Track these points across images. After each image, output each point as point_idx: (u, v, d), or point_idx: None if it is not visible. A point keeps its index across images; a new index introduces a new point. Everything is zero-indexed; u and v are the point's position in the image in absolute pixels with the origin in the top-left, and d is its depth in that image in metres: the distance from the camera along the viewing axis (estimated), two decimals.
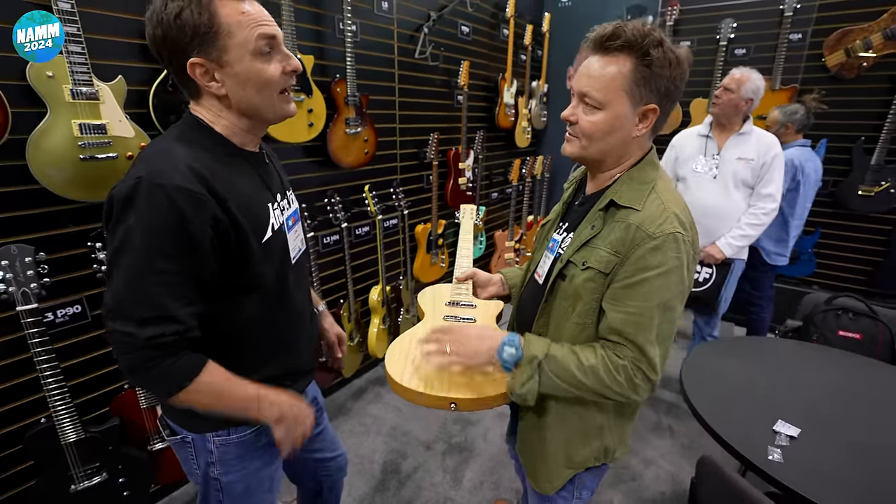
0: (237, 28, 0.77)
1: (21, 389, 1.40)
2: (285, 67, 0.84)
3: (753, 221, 2.10)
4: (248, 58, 0.79)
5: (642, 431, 2.32)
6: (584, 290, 0.88)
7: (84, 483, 1.42)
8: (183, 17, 0.74)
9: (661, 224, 0.81)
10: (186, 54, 0.76)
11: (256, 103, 0.83)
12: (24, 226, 1.35)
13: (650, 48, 0.78)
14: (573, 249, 0.91)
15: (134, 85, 1.44)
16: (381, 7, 2.31)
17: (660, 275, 0.80)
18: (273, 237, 0.90)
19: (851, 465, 1.14)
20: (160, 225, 0.73)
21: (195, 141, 0.81)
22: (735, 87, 2.04)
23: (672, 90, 0.82)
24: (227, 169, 0.83)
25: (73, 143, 1.31)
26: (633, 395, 0.85)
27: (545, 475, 1.03)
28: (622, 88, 0.81)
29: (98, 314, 1.53)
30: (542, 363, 0.87)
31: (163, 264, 0.74)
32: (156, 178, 0.73)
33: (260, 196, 0.89)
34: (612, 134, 0.85)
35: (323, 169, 2.18)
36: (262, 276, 0.88)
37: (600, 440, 0.99)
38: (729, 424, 1.27)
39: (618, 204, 0.86)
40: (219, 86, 0.80)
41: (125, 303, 0.75)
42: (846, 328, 1.81)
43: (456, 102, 2.90)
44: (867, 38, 2.74)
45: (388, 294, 2.50)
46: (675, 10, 3.27)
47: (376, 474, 2.02)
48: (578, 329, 0.91)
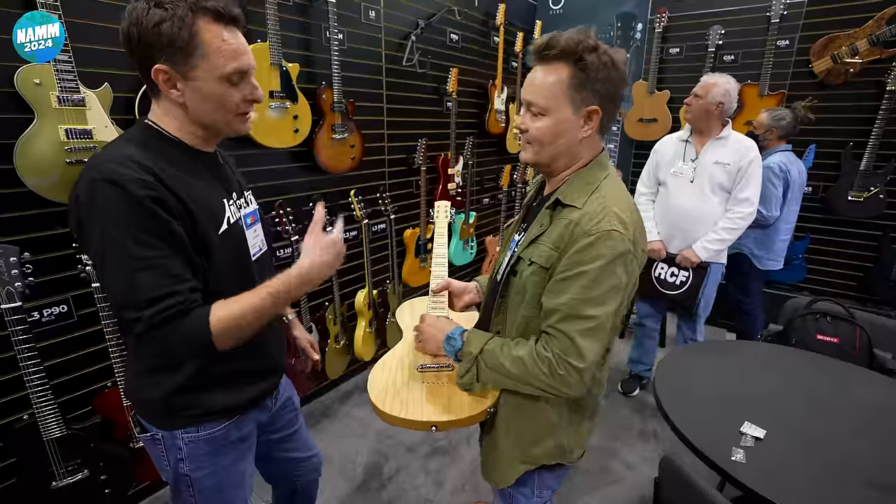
0: (213, 53, 0.80)
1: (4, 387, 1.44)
2: (247, 96, 0.87)
3: (730, 226, 2.12)
4: (215, 81, 0.82)
5: (627, 436, 2.32)
6: (528, 284, 0.92)
7: (65, 480, 1.45)
8: (162, 28, 0.76)
9: (598, 222, 0.84)
10: (153, 60, 0.80)
11: (213, 119, 0.87)
12: (11, 227, 1.39)
13: (584, 54, 0.82)
14: (523, 247, 0.95)
15: (120, 92, 1.49)
16: (369, 16, 2.36)
17: (593, 269, 0.83)
18: (229, 230, 0.93)
19: (814, 467, 1.15)
20: (122, 216, 0.77)
21: (144, 142, 0.85)
22: (703, 93, 2.09)
23: (612, 91, 0.86)
24: (177, 164, 0.86)
25: (59, 148, 1.35)
26: (561, 387, 0.87)
27: (497, 468, 1.06)
28: (562, 94, 0.85)
29: (83, 314, 1.57)
30: (478, 357, 0.95)
31: (139, 251, 0.77)
32: (107, 176, 0.76)
33: (212, 190, 0.92)
34: (559, 137, 0.89)
35: (309, 174, 2.22)
36: (220, 265, 0.90)
37: (553, 438, 1.01)
38: (696, 425, 1.28)
39: (562, 203, 0.90)
40: (178, 94, 0.83)
41: (121, 295, 0.79)
42: (824, 332, 1.81)
43: (445, 109, 2.94)
44: (853, 45, 2.76)
45: (374, 298, 2.53)
46: (665, 16, 3.31)
47: (358, 475, 2.04)
48: (524, 322, 0.95)
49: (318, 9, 2.09)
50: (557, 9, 3.55)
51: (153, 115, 0.89)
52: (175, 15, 0.76)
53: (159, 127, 0.88)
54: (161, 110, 0.88)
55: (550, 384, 0.87)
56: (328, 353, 2.34)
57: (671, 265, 2.31)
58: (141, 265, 0.78)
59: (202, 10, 0.78)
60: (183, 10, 0.76)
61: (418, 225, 2.81)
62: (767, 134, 2.51)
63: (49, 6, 1.28)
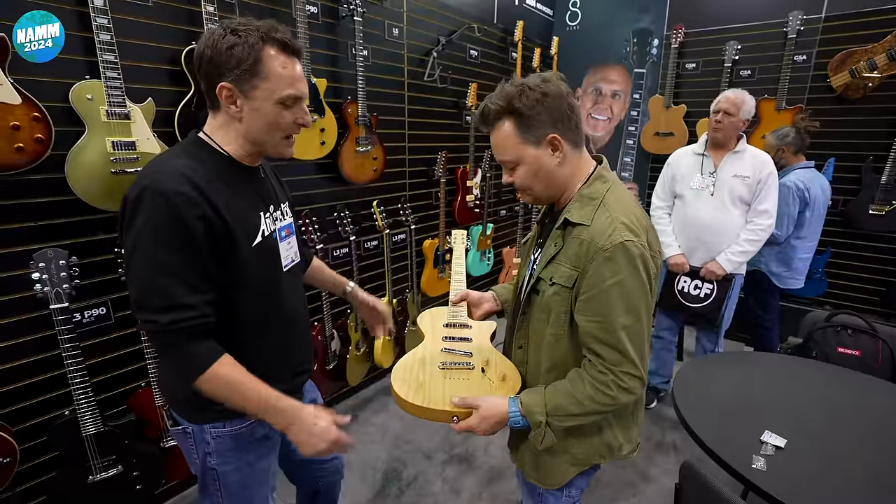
0: (274, 78, 0.90)
1: (47, 384, 1.52)
2: (297, 120, 0.97)
3: (752, 237, 2.15)
4: (271, 103, 0.92)
5: (646, 448, 2.31)
6: (553, 304, 0.96)
7: (101, 475, 1.51)
8: (234, 51, 0.87)
9: (609, 235, 0.88)
10: (221, 77, 0.89)
11: (263, 139, 0.96)
12: (60, 232, 1.49)
13: (514, 102, 0.89)
14: (541, 266, 0.99)
15: (162, 106, 1.58)
16: (392, 33, 2.45)
17: (616, 283, 0.88)
18: (263, 242, 0.99)
19: (835, 478, 1.15)
20: (161, 224, 0.84)
21: (193, 154, 0.93)
22: (735, 110, 2.12)
23: (558, 115, 0.91)
24: (222, 177, 0.93)
25: (106, 159, 1.44)
26: (627, 399, 0.93)
27: (543, 468, 1.07)
28: (517, 142, 0.93)
29: (120, 316, 1.65)
30: (548, 422, 0.97)
31: (167, 258, 0.85)
32: (156, 186, 0.84)
33: (251, 203, 0.99)
34: (539, 173, 0.95)
35: (334, 185, 2.30)
36: (251, 276, 0.97)
37: (599, 436, 1.04)
38: (716, 433, 1.30)
39: (571, 222, 0.94)
40: (237, 110, 0.92)
41: (143, 295, 0.86)
42: (845, 345, 1.81)
43: (464, 122, 3.02)
44: (871, 59, 2.77)
45: (394, 306, 2.58)
46: (681, 32, 3.35)
47: (378, 481, 2.06)
48: (554, 339, 0.99)
49: (344, 26, 2.19)
50: (574, 25, 3.62)
51: (208, 128, 0.98)
52: (247, 42, 0.87)
53: (211, 140, 0.96)
54: (217, 123, 0.96)
55: (621, 399, 0.92)
56: (349, 360, 2.39)
57: (694, 278, 2.32)
58: (164, 272, 0.84)
59: (271, 39, 0.89)
60: (254, 38, 0.87)
61: (437, 236, 2.87)
62: (779, 153, 2.52)
63: (102, 28, 1.38)
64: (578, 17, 3.61)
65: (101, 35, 1.39)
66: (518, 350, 1.06)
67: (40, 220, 1.44)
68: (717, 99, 2.19)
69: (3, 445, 1.36)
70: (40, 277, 1.34)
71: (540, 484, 1.10)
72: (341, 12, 2.16)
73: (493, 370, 1.14)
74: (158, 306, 0.84)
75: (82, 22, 1.42)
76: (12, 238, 1.40)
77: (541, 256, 1.01)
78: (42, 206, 1.44)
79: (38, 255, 1.35)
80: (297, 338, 1.14)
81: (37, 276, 1.34)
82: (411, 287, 2.76)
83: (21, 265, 1.40)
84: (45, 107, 1.33)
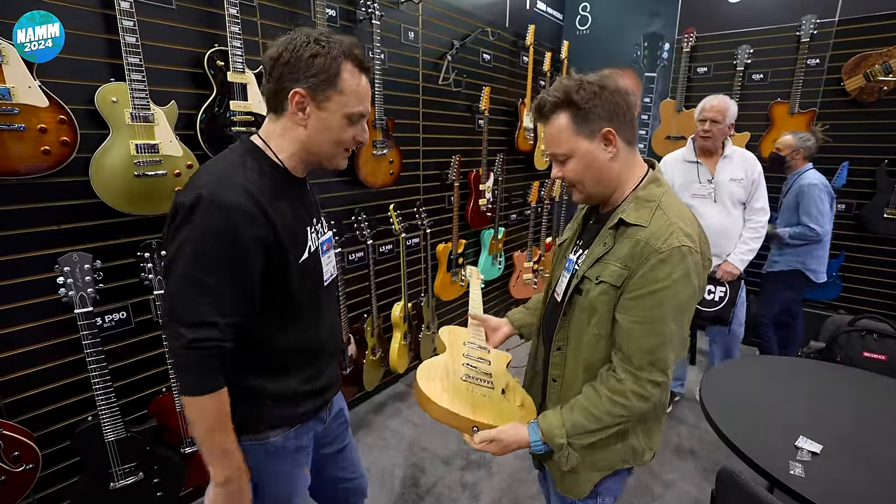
0: (348, 93, 0.91)
1: (69, 389, 1.50)
2: (356, 136, 0.97)
3: (755, 235, 2.26)
4: (340, 115, 0.92)
5: (662, 453, 2.29)
6: (598, 303, 0.94)
7: (122, 481, 1.49)
8: (315, 60, 0.88)
9: (667, 238, 0.87)
10: (297, 82, 0.89)
11: (324, 151, 0.96)
12: (83, 236, 1.47)
13: (571, 95, 0.89)
14: (587, 265, 0.97)
15: (184, 109, 1.57)
16: (408, 37, 2.45)
17: (668, 286, 0.87)
18: (309, 258, 0.99)
19: (873, 481, 1.14)
20: (213, 238, 0.82)
21: (252, 165, 0.91)
22: (721, 117, 2.18)
23: (614, 109, 0.91)
24: (277, 192, 0.92)
25: (129, 161, 1.43)
26: (645, 406, 0.93)
27: (568, 479, 1.07)
28: (572, 134, 0.92)
29: (140, 321, 1.63)
30: (569, 443, 0.97)
31: (208, 278, 0.83)
32: (216, 197, 0.82)
33: (301, 219, 0.99)
34: (591, 168, 0.94)
35: (351, 188, 2.29)
36: (297, 292, 0.96)
37: (624, 441, 1.02)
38: (749, 439, 1.28)
39: (626, 222, 0.93)
40: (304, 118, 0.92)
41: (176, 306, 0.84)
42: (871, 349, 1.79)
43: (477, 126, 3.01)
44: (886, 63, 2.77)
45: (409, 311, 2.56)
46: (692, 36, 3.36)
47: (396, 488, 2.04)
48: (595, 339, 0.98)
49: (362, 30, 2.19)
50: (584, 29, 3.63)
51: (265, 132, 0.96)
52: (329, 53, 0.89)
53: (267, 145, 0.95)
54: (277, 128, 0.95)
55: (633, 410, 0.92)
56: (365, 365, 2.37)
57: (708, 283, 2.32)
58: (203, 289, 0.83)
59: (351, 56, 0.91)
60: (337, 51, 0.89)
61: (450, 240, 2.86)
62: (794, 154, 2.54)
63: (128, 30, 1.38)
64: (588, 21, 3.61)
65: (126, 37, 1.38)
66: (556, 352, 1.05)
67: (64, 224, 1.43)
68: (700, 106, 2.25)
69: (25, 451, 1.34)
70: (65, 281, 1.33)
71: (568, 494, 1.09)
72: (359, 15, 2.16)
73: (512, 394, 1.14)
74: (187, 322, 0.83)
75: (107, 24, 1.42)
76: (37, 241, 1.39)
77: (585, 256, 1.00)
78: (66, 209, 1.43)
79: (64, 259, 1.33)
80: (335, 349, 1.14)
81: (62, 279, 1.33)
82: (426, 291, 2.74)
83: (45, 268, 1.38)
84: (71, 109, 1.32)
